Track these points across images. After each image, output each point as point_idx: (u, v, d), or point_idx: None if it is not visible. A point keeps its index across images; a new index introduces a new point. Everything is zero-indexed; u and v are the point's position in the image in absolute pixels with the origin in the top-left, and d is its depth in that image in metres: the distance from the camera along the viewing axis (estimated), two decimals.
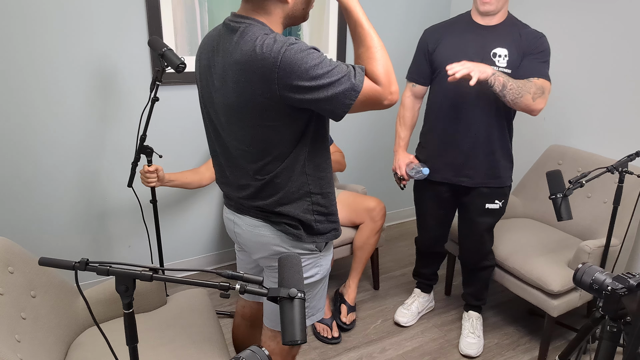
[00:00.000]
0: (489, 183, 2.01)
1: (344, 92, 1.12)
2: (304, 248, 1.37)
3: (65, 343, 1.54)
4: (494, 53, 1.86)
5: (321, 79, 1.11)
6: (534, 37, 1.87)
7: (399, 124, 2.15)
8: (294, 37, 1.15)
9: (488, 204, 2.04)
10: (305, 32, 2.69)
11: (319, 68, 1.11)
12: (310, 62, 1.10)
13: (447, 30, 1.97)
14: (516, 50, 1.85)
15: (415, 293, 2.47)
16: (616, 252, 2.07)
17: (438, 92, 2.00)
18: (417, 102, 2.13)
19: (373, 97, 1.16)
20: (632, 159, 1.76)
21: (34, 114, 2.17)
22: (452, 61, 1.86)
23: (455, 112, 1.95)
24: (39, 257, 1.03)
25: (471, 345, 2.19)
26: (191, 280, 0.94)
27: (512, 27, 1.89)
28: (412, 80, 2.09)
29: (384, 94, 1.16)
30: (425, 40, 2.00)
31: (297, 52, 1.10)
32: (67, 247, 2.42)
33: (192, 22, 2.37)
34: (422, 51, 2.01)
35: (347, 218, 2.42)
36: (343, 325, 2.33)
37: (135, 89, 2.36)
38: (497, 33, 1.88)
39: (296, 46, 1.11)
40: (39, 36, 2.08)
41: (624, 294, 1.10)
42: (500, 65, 1.85)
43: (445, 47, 1.93)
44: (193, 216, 2.73)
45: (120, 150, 2.40)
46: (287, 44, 1.11)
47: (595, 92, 2.45)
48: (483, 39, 1.88)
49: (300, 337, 0.90)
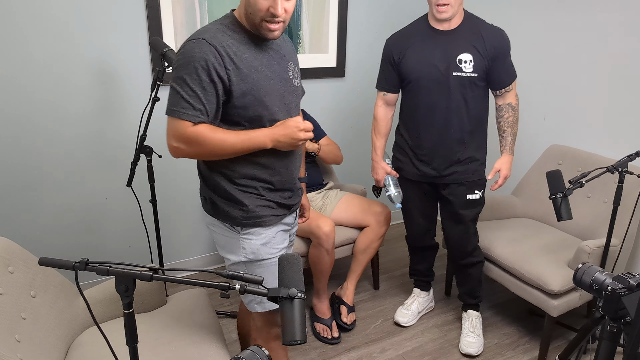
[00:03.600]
0: (467, 178, 2.09)
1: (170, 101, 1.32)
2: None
3: (65, 343, 1.54)
4: (459, 59, 1.92)
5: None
6: (496, 37, 1.94)
7: (374, 134, 2.22)
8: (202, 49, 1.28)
9: (469, 194, 2.11)
10: (305, 32, 2.69)
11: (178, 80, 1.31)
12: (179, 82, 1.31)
13: (409, 40, 2.01)
14: (480, 53, 1.92)
15: (415, 293, 2.48)
16: (616, 252, 2.07)
17: (409, 100, 2.07)
18: (390, 110, 2.19)
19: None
20: (632, 159, 1.76)
21: (34, 114, 2.17)
22: (419, 72, 1.97)
23: (429, 117, 2.02)
24: (39, 257, 1.03)
25: (471, 344, 2.20)
26: (191, 280, 0.94)
27: (471, 27, 1.94)
28: (382, 90, 2.14)
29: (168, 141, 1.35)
30: (390, 50, 2.05)
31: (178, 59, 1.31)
32: (67, 247, 2.42)
33: (192, 22, 2.37)
34: (388, 61, 2.07)
35: (352, 219, 2.42)
36: (344, 325, 2.33)
37: (135, 89, 2.36)
38: (458, 38, 1.93)
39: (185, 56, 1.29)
40: (39, 37, 2.08)
41: (624, 294, 1.10)
42: (467, 71, 1.92)
43: (411, 58, 1.99)
44: (193, 216, 2.73)
45: (120, 149, 2.40)
46: (186, 45, 1.30)
47: (595, 92, 2.45)
48: (446, 46, 1.93)
49: (300, 337, 0.91)
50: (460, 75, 1.93)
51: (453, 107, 1.97)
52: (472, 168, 2.08)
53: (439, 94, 1.97)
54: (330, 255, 2.24)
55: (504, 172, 2.03)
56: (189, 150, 1.33)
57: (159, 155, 2.08)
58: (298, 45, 2.70)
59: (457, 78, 1.93)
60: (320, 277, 2.29)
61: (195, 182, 2.66)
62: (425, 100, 2.00)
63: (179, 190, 2.63)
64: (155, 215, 2.15)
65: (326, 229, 2.17)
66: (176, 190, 2.63)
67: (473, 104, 1.99)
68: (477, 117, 2.03)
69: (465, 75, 1.92)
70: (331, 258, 2.25)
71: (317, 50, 2.77)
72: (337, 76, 2.91)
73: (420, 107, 2.03)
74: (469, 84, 1.95)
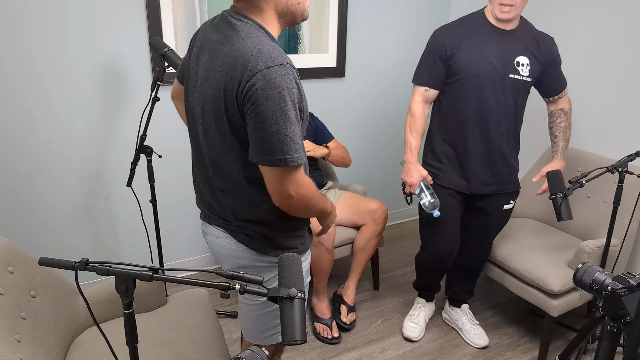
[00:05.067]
0: (507, 188, 2.01)
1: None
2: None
3: (65, 343, 1.54)
4: (517, 62, 1.82)
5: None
6: (549, 44, 1.88)
7: (410, 132, 1.98)
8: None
9: (505, 205, 2.03)
10: (305, 32, 2.69)
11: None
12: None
13: (465, 33, 1.86)
14: (535, 58, 1.85)
15: (420, 302, 2.38)
16: (616, 252, 2.07)
17: (455, 99, 1.90)
18: (427, 107, 2.00)
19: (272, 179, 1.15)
20: (632, 159, 1.76)
21: (34, 114, 2.17)
22: (474, 68, 1.82)
23: (477, 119, 1.88)
24: (39, 257, 1.03)
25: (481, 336, 2.23)
26: (191, 280, 0.94)
27: (527, 31, 1.86)
28: (425, 85, 1.94)
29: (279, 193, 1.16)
30: (442, 42, 1.87)
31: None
32: (67, 247, 2.42)
33: (192, 22, 2.37)
34: (438, 54, 1.88)
35: (349, 219, 2.42)
36: (343, 325, 2.33)
37: (135, 89, 2.36)
38: (516, 39, 1.83)
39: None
40: (40, 37, 2.08)
41: (624, 294, 1.10)
42: (524, 75, 1.83)
43: (466, 52, 1.84)
44: (193, 216, 2.73)
45: (120, 149, 2.40)
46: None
47: (595, 92, 2.45)
48: (505, 46, 1.82)
49: (300, 337, 0.90)
50: (516, 78, 1.83)
51: (504, 111, 1.85)
52: (513, 178, 1.99)
53: (491, 94, 1.83)
54: (330, 254, 2.23)
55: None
56: (303, 199, 1.18)
57: (159, 155, 2.08)
58: (298, 45, 2.70)
59: (513, 81, 1.83)
60: (320, 276, 2.29)
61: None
62: (475, 101, 1.85)
63: (179, 190, 2.63)
64: (155, 215, 2.15)
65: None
66: (176, 190, 2.63)
67: (521, 110, 1.90)
68: (520, 124, 1.95)
69: (521, 78, 1.83)
70: (331, 257, 2.25)
71: (317, 50, 2.77)
72: (337, 76, 2.91)
73: (468, 107, 1.87)
74: (522, 89, 1.85)
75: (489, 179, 1.96)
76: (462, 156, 1.95)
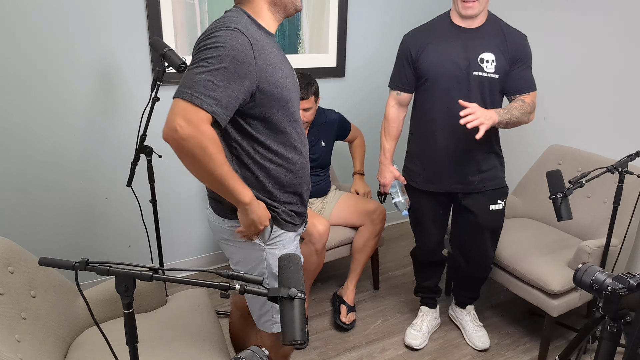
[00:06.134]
0: (485, 187, 1.98)
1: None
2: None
3: (65, 343, 1.54)
4: (481, 58, 1.82)
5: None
6: (519, 40, 1.84)
7: (384, 136, 2.09)
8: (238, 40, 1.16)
9: (491, 205, 2.00)
10: (305, 32, 2.69)
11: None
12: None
13: (429, 35, 1.90)
14: (502, 54, 1.82)
15: (423, 311, 2.35)
16: (616, 252, 2.07)
17: (424, 101, 1.94)
18: (402, 110, 2.06)
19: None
20: (632, 159, 1.76)
21: (34, 114, 2.17)
22: (438, 68, 1.85)
23: (446, 119, 1.90)
24: (39, 257, 1.03)
25: (482, 338, 2.22)
26: (191, 280, 0.94)
27: (495, 27, 1.85)
28: (396, 89, 2.02)
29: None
30: (407, 47, 1.93)
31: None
32: (67, 247, 2.42)
33: (192, 22, 2.37)
34: (405, 58, 1.94)
35: (347, 219, 2.42)
36: (343, 325, 2.33)
37: (135, 89, 2.36)
38: (481, 36, 1.83)
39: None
40: (40, 37, 2.08)
41: (624, 294, 1.10)
42: (489, 71, 1.82)
43: (430, 53, 1.87)
44: (193, 216, 2.73)
45: (120, 149, 2.40)
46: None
47: (595, 92, 2.45)
48: (468, 44, 1.83)
49: (300, 337, 0.90)
50: (481, 75, 1.82)
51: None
52: (492, 175, 1.97)
53: (457, 94, 1.84)
54: (319, 256, 2.19)
55: (479, 113, 1.65)
56: (190, 139, 1.12)
57: (159, 155, 2.08)
58: (298, 45, 2.70)
59: (478, 78, 1.82)
60: (304, 276, 2.26)
61: (195, 182, 2.66)
62: (442, 101, 1.87)
63: (179, 190, 2.63)
64: (155, 215, 2.15)
65: (320, 228, 2.15)
66: (176, 190, 2.63)
67: (491, 108, 1.84)
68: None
69: (486, 75, 1.82)
70: (319, 260, 2.21)
71: (317, 50, 2.77)
72: (337, 76, 2.91)
73: (436, 108, 1.90)
74: (489, 86, 1.84)
75: (459, 178, 1.95)
76: (431, 155, 1.97)
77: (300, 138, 1.39)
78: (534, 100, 1.87)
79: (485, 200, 2.00)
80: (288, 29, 2.64)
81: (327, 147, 2.42)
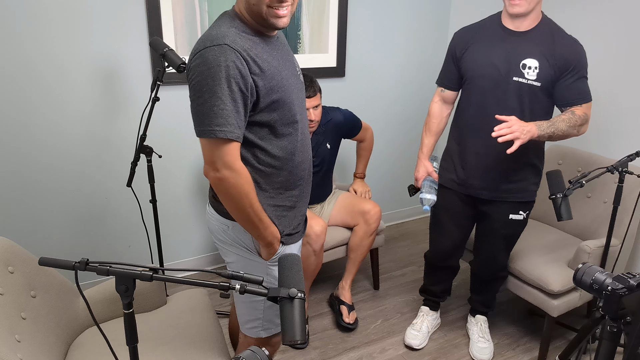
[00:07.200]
0: (510, 197, 1.92)
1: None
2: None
3: (65, 343, 1.54)
4: (523, 64, 1.74)
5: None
6: (570, 48, 1.72)
7: (424, 131, 2.09)
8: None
9: (512, 214, 1.95)
10: (305, 32, 2.69)
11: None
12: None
13: (476, 34, 1.85)
14: (548, 61, 1.72)
15: (423, 311, 2.33)
16: (616, 252, 2.07)
17: (462, 101, 1.92)
18: (446, 108, 2.04)
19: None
20: (632, 159, 1.76)
21: (34, 114, 2.17)
22: (478, 70, 1.81)
23: (480, 123, 1.85)
24: (39, 257, 1.03)
25: (483, 350, 2.17)
26: (191, 280, 0.94)
27: (546, 32, 1.75)
28: (441, 85, 2.01)
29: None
30: (454, 45, 1.91)
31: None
32: (67, 247, 2.42)
33: (192, 22, 2.37)
34: (451, 55, 1.93)
35: (341, 220, 2.42)
36: (347, 325, 2.32)
37: (135, 89, 2.36)
38: (528, 41, 1.75)
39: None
40: (40, 37, 2.08)
41: (624, 294, 1.10)
42: (530, 78, 1.74)
43: (472, 54, 1.84)
44: (193, 216, 2.73)
45: (120, 149, 2.40)
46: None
47: (594, 92, 2.45)
48: (512, 48, 1.76)
49: (300, 337, 0.90)
50: (521, 81, 1.74)
51: (505, 115, 1.74)
52: (521, 187, 1.90)
53: (493, 98, 1.79)
54: (317, 257, 2.19)
55: (515, 127, 1.60)
56: (226, 180, 1.21)
57: (159, 155, 2.08)
58: (298, 45, 2.70)
59: (517, 84, 1.75)
60: (303, 277, 2.26)
61: (195, 182, 2.66)
62: (477, 103, 1.83)
63: (179, 190, 2.63)
64: (155, 215, 2.15)
65: (317, 229, 2.14)
66: (176, 190, 2.63)
67: (530, 116, 1.78)
68: None
69: (526, 82, 1.74)
70: (317, 260, 2.21)
71: (317, 50, 2.77)
72: (337, 76, 2.91)
73: (471, 109, 1.86)
74: (528, 93, 1.76)
75: (485, 184, 1.92)
76: (461, 156, 1.96)
77: (303, 140, 1.39)
78: (587, 112, 1.76)
79: (507, 209, 1.94)
80: (288, 29, 2.64)
81: (333, 150, 2.35)
